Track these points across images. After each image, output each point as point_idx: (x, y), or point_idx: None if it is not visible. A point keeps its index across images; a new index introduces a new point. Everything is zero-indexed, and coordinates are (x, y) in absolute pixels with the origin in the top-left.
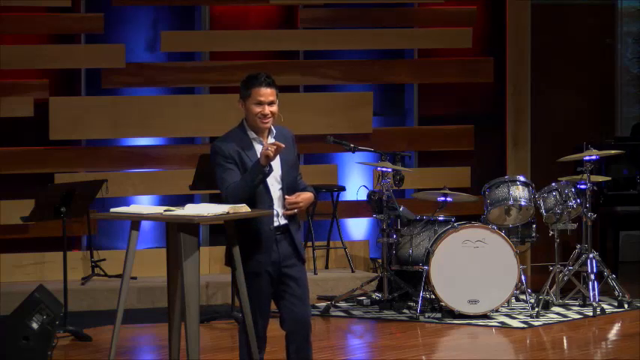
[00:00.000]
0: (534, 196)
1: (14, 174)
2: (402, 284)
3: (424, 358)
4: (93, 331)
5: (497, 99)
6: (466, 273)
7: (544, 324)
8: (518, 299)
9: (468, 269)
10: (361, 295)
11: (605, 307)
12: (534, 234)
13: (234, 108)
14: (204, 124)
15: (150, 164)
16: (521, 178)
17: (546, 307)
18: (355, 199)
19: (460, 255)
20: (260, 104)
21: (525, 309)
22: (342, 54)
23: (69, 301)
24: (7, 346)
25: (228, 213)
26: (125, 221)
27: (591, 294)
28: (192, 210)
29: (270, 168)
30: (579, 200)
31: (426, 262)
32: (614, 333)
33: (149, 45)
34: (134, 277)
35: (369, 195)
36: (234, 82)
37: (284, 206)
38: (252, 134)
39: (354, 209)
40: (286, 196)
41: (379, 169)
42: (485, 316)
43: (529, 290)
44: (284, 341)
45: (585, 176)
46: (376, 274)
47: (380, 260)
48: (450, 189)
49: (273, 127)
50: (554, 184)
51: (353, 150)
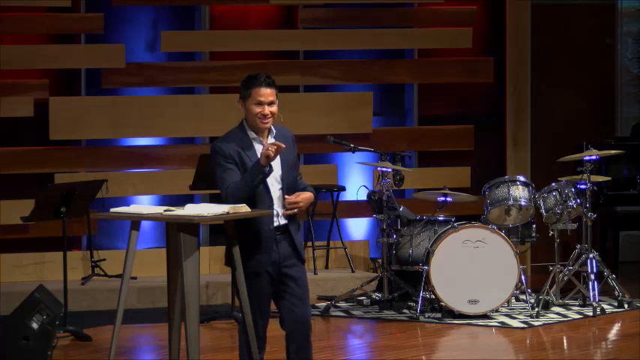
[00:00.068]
0: (534, 196)
1: (14, 174)
2: (402, 284)
3: (424, 358)
4: (93, 331)
5: (497, 99)
6: (466, 273)
7: (544, 324)
8: (518, 299)
9: (468, 269)
10: (361, 295)
11: (605, 307)
12: (534, 234)
13: (234, 108)
14: (204, 124)
15: (150, 164)
16: (521, 178)
17: (546, 307)
18: (355, 199)
19: (460, 255)
20: (260, 104)
21: (525, 309)
22: (342, 54)
23: (69, 301)
24: (7, 346)
25: (228, 213)
26: (125, 221)
27: (591, 294)
28: (192, 210)
29: (270, 168)
30: (579, 200)
31: (426, 262)
32: (614, 333)
33: (149, 45)
34: (134, 277)
35: (369, 195)
36: (234, 82)
37: (284, 206)
38: (252, 134)
39: (354, 209)
40: (286, 196)
41: (379, 169)
42: (485, 316)
43: (529, 290)
44: (284, 341)
45: (585, 176)
46: (376, 274)
47: (380, 260)
48: (450, 189)
49: (273, 127)
50: (554, 184)
51: (353, 150)
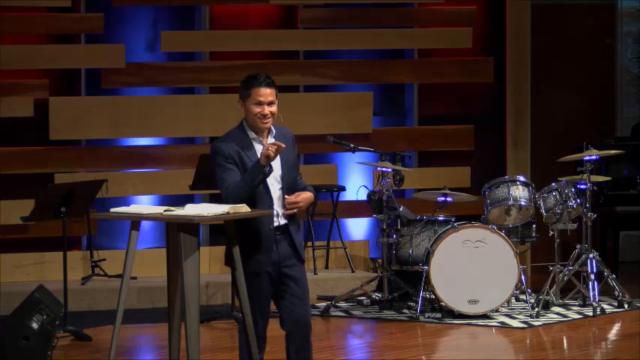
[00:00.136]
0: (534, 196)
1: (14, 174)
2: (402, 284)
3: (424, 358)
4: (93, 331)
5: (497, 99)
6: (466, 273)
7: (544, 324)
8: (518, 299)
9: (468, 269)
10: (361, 295)
11: (605, 307)
12: (534, 234)
13: (234, 108)
14: (204, 124)
15: (150, 164)
16: (521, 178)
17: (546, 307)
18: (355, 199)
19: (460, 255)
20: (259, 104)
21: (525, 309)
22: (342, 54)
23: (69, 301)
24: (7, 346)
25: (228, 213)
26: (125, 221)
27: (591, 294)
28: (192, 210)
29: (271, 168)
30: (579, 200)
31: (426, 262)
32: (614, 333)
33: (149, 45)
34: (134, 277)
35: (369, 195)
36: (234, 82)
37: (284, 206)
38: (251, 134)
39: (354, 209)
40: (286, 196)
41: (379, 169)
42: (485, 316)
43: (529, 290)
44: (284, 341)
45: (585, 176)
46: (376, 274)
47: (380, 260)
48: (450, 189)
49: (272, 127)
50: (554, 184)
51: (353, 150)
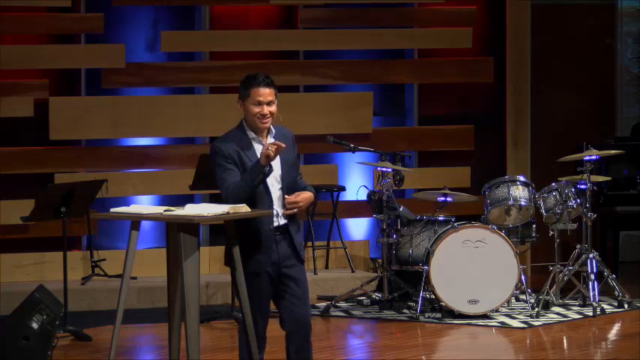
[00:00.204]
0: (534, 196)
1: (14, 174)
2: (402, 284)
3: (424, 358)
4: (93, 331)
5: (497, 99)
6: (466, 273)
7: (544, 324)
8: (518, 299)
9: (468, 269)
10: (361, 295)
11: (605, 307)
12: (534, 234)
13: (234, 108)
14: (204, 124)
15: (150, 164)
16: (521, 178)
17: (546, 307)
18: (355, 199)
19: (460, 255)
20: (259, 104)
21: (525, 309)
22: (342, 54)
23: (69, 301)
24: (7, 346)
25: (228, 213)
26: (125, 221)
27: (591, 294)
28: (192, 210)
29: (270, 168)
30: (579, 200)
31: (426, 262)
32: (614, 333)
33: (149, 45)
34: (134, 277)
35: (369, 195)
36: (234, 82)
37: (284, 206)
38: (251, 134)
39: (354, 209)
40: (286, 196)
41: (379, 169)
42: (485, 316)
43: (529, 290)
44: (284, 341)
45: (585, 176)
46: (376, 274)
47: (380, 260)
48: (450, 189)
49: (272, 127)
50: (554, 184)
51: (353, 150)
